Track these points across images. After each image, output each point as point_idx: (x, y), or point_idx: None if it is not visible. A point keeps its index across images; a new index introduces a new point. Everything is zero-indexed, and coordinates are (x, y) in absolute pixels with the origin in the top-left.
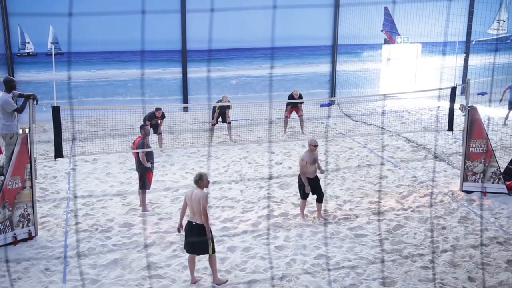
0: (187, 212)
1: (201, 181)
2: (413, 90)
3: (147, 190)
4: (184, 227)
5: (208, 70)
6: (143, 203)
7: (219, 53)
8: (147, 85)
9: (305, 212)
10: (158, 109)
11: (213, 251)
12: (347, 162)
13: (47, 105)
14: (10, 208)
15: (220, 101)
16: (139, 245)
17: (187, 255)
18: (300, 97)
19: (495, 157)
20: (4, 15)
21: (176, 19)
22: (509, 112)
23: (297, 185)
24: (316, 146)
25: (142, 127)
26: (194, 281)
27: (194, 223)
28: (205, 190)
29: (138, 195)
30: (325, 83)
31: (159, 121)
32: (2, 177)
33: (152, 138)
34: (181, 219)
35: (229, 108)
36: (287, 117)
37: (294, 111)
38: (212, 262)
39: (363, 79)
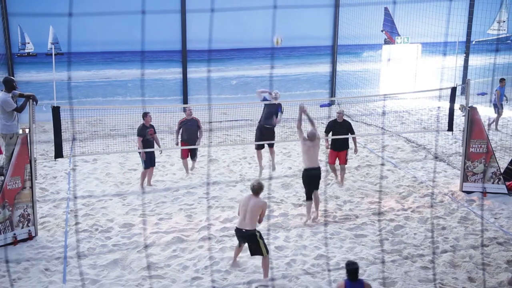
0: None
1: (261, 191)
2: (413, 90)
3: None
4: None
5: (208, 70)
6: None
7: (219, 53)
8: (147, 85)
9: (304, 212)
10: (146, 114)
11: (267, 252)
12: (347, 162)
13: (47, 105)
14: (10, 208)
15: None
16: (139, 245)
17: (187, 255)
18: (348, 126)
19: (495, 158)
20: (4, 15)
21: (176, 19)
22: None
23: (296, 185)
24: None
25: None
26: (235, 264)
27: (244, 230)
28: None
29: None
30: (325, 83)
31: (154, 135)
32: (2, 177)
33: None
34: None
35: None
36: (330, 163)
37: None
38: (264, 263)
39: (363, 79)
